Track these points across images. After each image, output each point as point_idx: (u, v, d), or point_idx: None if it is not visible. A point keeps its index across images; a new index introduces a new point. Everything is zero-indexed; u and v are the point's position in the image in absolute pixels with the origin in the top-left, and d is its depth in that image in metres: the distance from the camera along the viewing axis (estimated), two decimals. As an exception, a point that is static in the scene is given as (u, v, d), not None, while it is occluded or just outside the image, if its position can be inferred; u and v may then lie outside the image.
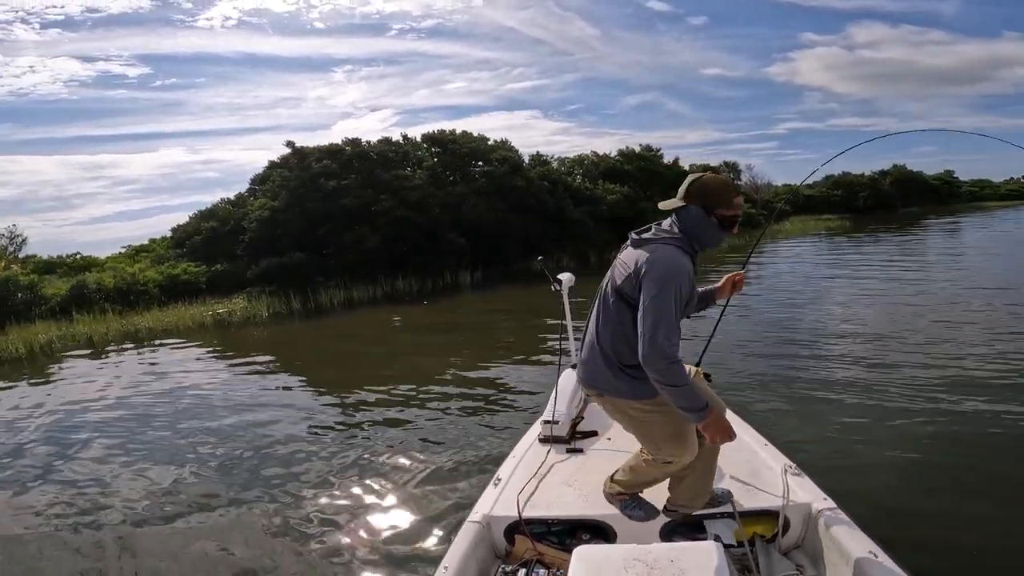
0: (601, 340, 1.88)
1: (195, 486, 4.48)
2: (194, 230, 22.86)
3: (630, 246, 1.88)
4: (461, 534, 2.24)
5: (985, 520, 3.09)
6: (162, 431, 6.03)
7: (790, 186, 45.67)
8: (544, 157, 27.89)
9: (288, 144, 18.44)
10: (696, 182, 1.87)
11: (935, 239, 23.76)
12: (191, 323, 14.73)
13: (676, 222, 1.88)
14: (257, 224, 16.99)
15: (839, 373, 5.94)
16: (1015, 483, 3.50)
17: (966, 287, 10.86)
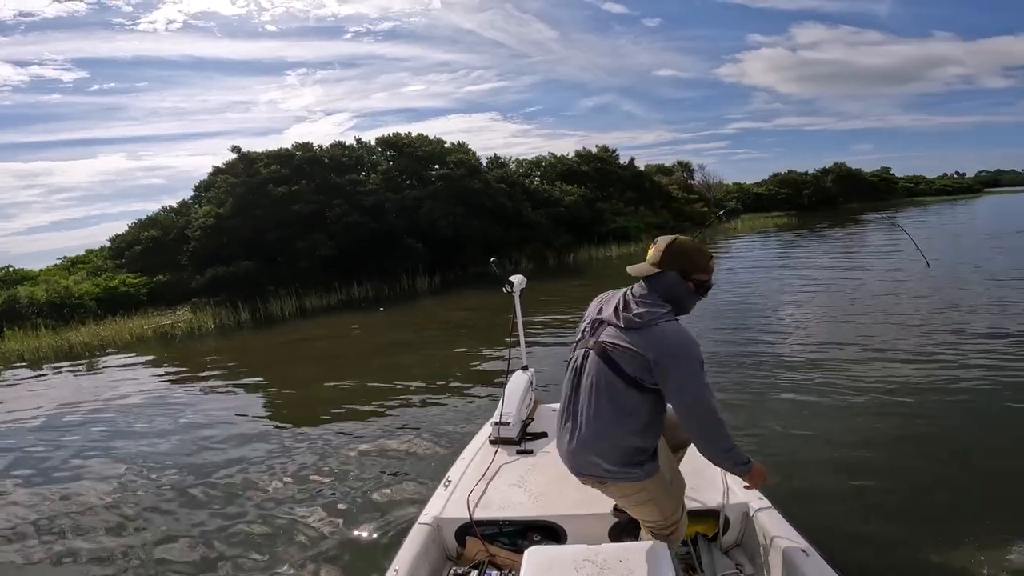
0: (602, 427, 1.74)
1: (137, 500, 4.35)
2: (134, 239, 21.73)
3: (622, 325, 1.72)
4: (411, 536, 2.23)
5: (914, 519, 3.16)
6: (97, 451, 5.69)
7: (740, 184, 47.36)
8: (502, 159, 27.88)
9: (234, 149, 17.71)
10: (673, 246, 1.79)
11: (874, 234, 25.03)
12: (130, 337, 14.01)
13: (654, 290, 1.78)
14: (201, 232, 16.23)
15: (780, 372, 6.07)
16: (947, 481, 3.60)
17: (902, 281, 11.46)
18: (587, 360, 1.79)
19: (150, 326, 15.04)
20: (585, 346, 1.82)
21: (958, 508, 3.28)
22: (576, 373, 1.83)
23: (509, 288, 3.33)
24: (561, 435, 1.88)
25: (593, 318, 1.85)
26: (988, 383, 5.20)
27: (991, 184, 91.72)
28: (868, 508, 3.29)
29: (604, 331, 1.77)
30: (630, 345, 1.68)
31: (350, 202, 16.98)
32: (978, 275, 11.43)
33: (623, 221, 25.72)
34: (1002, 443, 4.07)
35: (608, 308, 1.80)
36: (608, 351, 1.72)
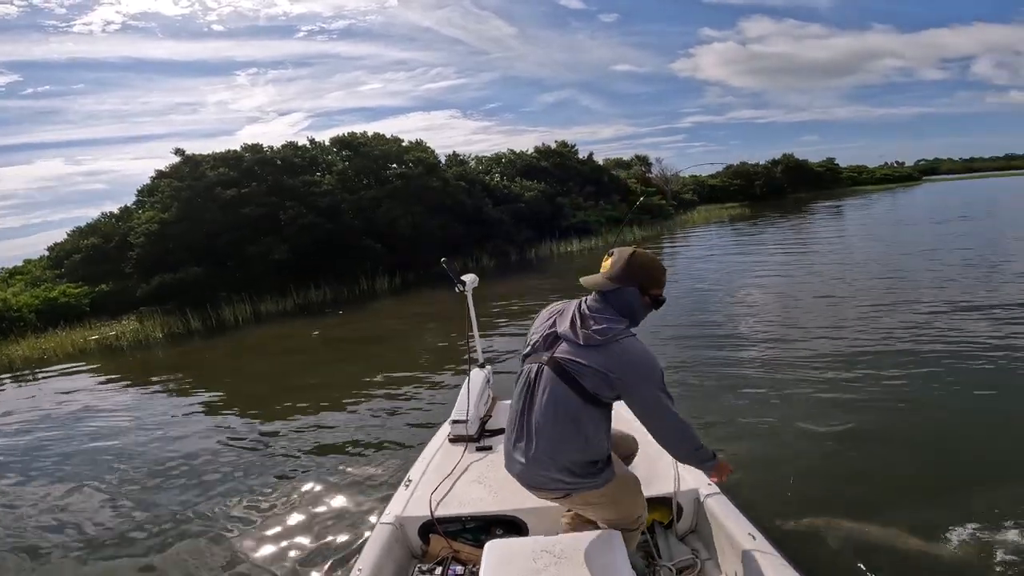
0: (559, 443, 1.73)
1: (87, 510, 4.32)
2: (73, 248, 20.64)
3: (581, 343, 1.68)
4: (374, 536, 2.25)
5: (858, 504, 3.24)
6: (43, 471, 5.47)
7: (696, 177, 48.56)
8: (461, 157, 27.71)
9: (177, 152, 16.94)
10: (634, 261, 1.77)
11: (823, 222, 26.14)
12: (72, 349, 13.44)
13: (609, 304, 1.76)
14: (145, 239, 15.51)
15: (734, 359, 6.25)
16: (894, 467, 3.67)
17: (850, 265, 12.04)
18: (541, 375, 1.76)
19: (93, 337, 14.44)
20: (538, 361, 1.78)
21: (904, 490, 3.38)
22: (528, 388, 1.79)
23: (461, 287, 3.32)
24: (512, 451, 1.85)
25: (546, 332, 1.80)
26: (940, 360, 5.46)
27: (929, 172, 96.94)
28: (821, 498, 3.36)
29: (560, 347, 1.73)
30: (589, 363, 1.66)
31: (304, 204, 16.54)
32: (923, 258, 12.11)
33: (583, 215, 25.98)
34: (948, 421, 4.24)
35: (563, 322, 1.75)
36: (566, 367, 1.69)
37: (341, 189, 18.26)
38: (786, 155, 55.61)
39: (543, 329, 1.83)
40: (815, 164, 60.24)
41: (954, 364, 5.36)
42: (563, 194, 26.86)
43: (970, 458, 3.74)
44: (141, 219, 16.56)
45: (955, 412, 4.40)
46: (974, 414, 4.36)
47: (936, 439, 4.05)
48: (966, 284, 8.92)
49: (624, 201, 29.91)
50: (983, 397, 4.56)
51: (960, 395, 4.67)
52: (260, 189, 16.31)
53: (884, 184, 69.04)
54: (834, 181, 61.43)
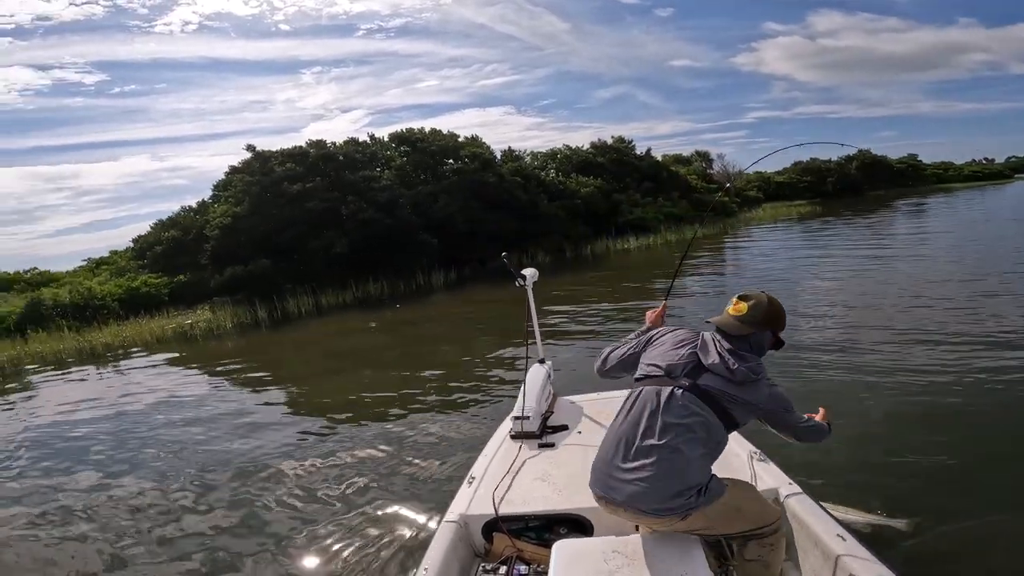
0: (687, 463, 1.74)
1: (168, 500, 4.45)
2: (155, 240, 22.01)
3: (736, 380, 1.81)
4: (439, 535, 2.23)
5: (951, 501, 3.10)
6: (130, 450, 5.81)
7: (761, 173, 46.34)
8: (516, 152, 27.60)
9: (248, 148, 17.74)
10: (771, 310, 1.90)
11: (905, 221, 24.20)
12: (150, 337, 14.23)
13: (746, 344, 1.88)
14: (219, 232, 16.32)
15: (809, 356, 5.94)
16: (986, 465, 3.47)
17: (935, 270, 10.97)
18: (673, 400, 1.79)
19: (170, 326, 15.23)
20: (673, 385, 1.82)
21: (1002, 493, 3.16)
22: (651, 411, 1.79)
23: (521, 281, 3.29)
24: (615, 473, 1.79)
25: (686, 361, 1.85)
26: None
27: (1021, 169, 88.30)
28: (901, 492, 3.21)
29: (705, 376, 1.81)
30: (742, 397, 1.79)
31: (364, 198, 16.90)
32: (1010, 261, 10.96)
33: (640, 212, 25.26)
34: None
35: (708, 356, 1.83)
36: (715, 396, 1.79)
37: (399, 184, 18.57)
38: (861, 151, 52.05)
39: (676, 357, 1.88)
40: (895, 160, 56.15)
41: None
42: (620, 191, 26.23)
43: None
44: (216, 213, 17.43)
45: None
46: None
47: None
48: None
49: (684, 198, 28.87)
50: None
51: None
52: (323, 184, 16.81)
53: (973, 182, 63.47)
54: (917, 178, 57.07)
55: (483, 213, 18.51)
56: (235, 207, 16.60)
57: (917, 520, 2.90)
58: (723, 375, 1.79)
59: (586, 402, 3.22)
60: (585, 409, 3.09)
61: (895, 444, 3.79)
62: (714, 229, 25.89)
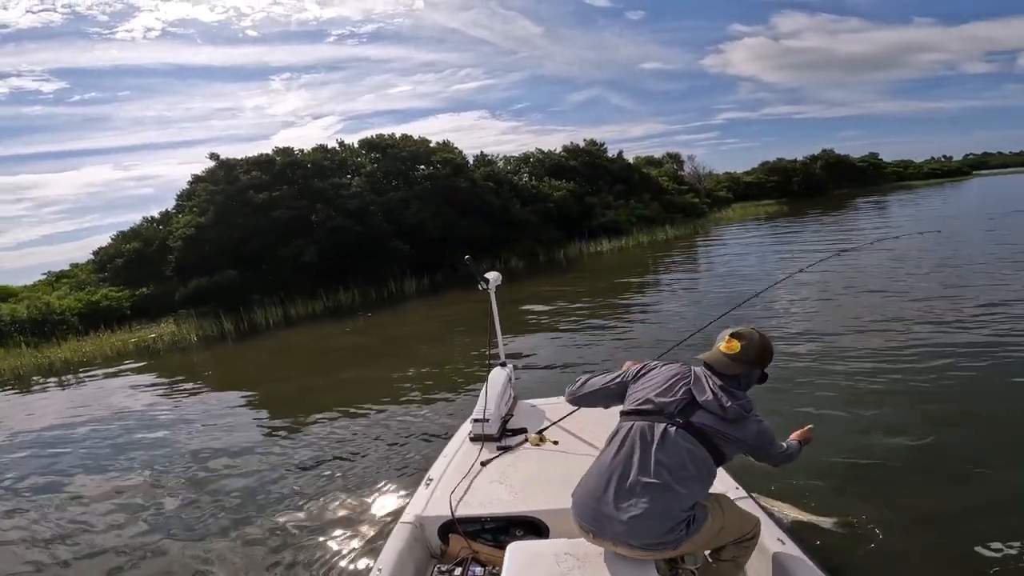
0: (677, 497, 1.76)
1: (130, 505, 4.48)
2: (116, 252, 21.33)
3: (729, 417, 1.83)
4: (394, 535, 2.24)
5: (881, 499, 3.17)
6: (85, 464, 5.73)
7: (731, 174, 47.27)
8: (489, 157, 27.56)
9: (212, 156, 17.29)
10: (756, 347, 1.91)
11: (867, 218, 24.92)
12: (111, 352, 13.82)
13: (736, 381, 1.90)
14: (182, 243, 15.86)
15: (789, 353, 6.04)
16: (921, 463, 3.56)
17: (899, 265, 11.29)
18: (667, 435, 1.81)
19: (132, 340, 14.83)
20: (667, 421, 1.83)
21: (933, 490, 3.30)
22: (641, 446, 1.81)
23: (484, 285, 3.31)
24: (603, 508, 1.78)
25: (680, 398, 1.87)
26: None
27: (979, 166, 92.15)
28: (834, 490, 3.31)
29: (698, 414, 1.83)
30: (733, 434, 1.83)
31: (333, 206, 16.64)
32: (976, 254, 11.39)
33: (613, 215, 25.47)
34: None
35: (701, 393, 1.85)
36: (707, 433, 1.81)
37: (369, 191, 18.34)
38: (825, 150, 53.63)
39: (669, 394, 1.89)
40: (857, 159, 57.90)
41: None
42: (592, 193, 26.41)
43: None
44: (179, 223, 16.95)
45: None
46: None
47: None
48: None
49: (656, 200, 29.23)
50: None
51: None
52: (291, 192, 16.49)
53: (932, 179, 65.89)
54: (878, 176, 58.95)
55: (455, 218, 18.41)
56: (199, 217, 16.16)
57: (847, 518, 3.00)
58: (716, 412, 1.82)
59: (547, 406, 3.21)
60: (545, 412, 3.09)
61: (838, 444, 3.86)
62: (686, 230, 26.27)
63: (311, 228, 16.43)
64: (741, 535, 1.92)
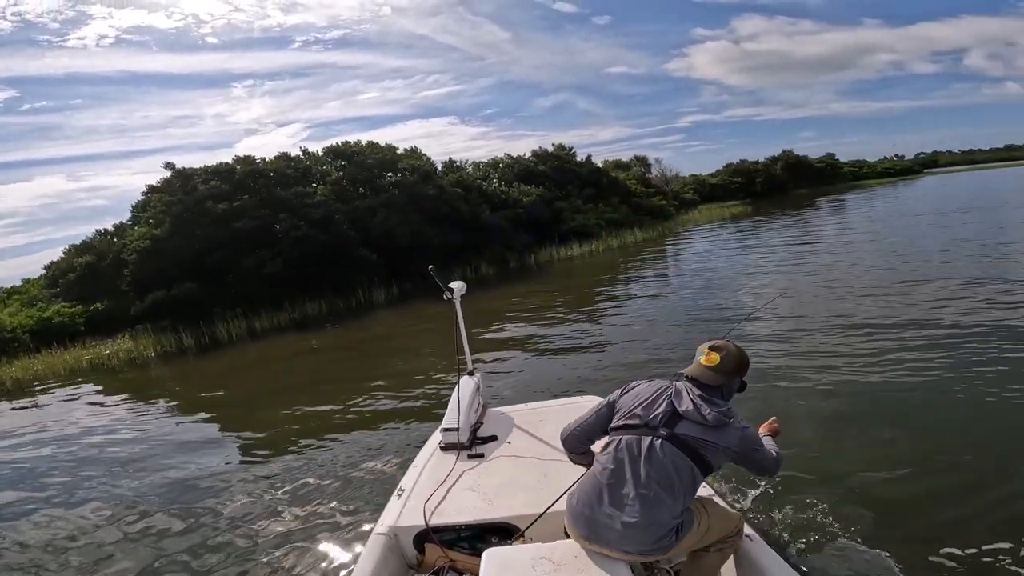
0: (668, 505, 1.85)
1: (86, 529, 4.36)
2: (68, 267, 20.41)
3: (711, 424, 1.90)
4: (369, 547, 2.23)
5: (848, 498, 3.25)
6: (38, 484, 5.62)
7: (696, 176, 48.21)
8: (457, 163, 27.47)
9: (167, 165, 16.67)
10: (734, 358, 2.00)
11: (826, 217, 25.75)
12: (63, 370, 13.30)
13: (718, 391, 1.98)
14: (137, 255, 15.25)
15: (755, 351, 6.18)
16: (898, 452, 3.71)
17: (857, 259, 11.71)
18: (653, 448, 1.88)
19: (86, 357, 14.24)
20: (653, 433, 1.90)
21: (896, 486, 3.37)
22: (631, 458, 1.89)
23: (449, 295, 3.33)
24: (599, 518, 1.87)
25: (664, 410, 1.93)
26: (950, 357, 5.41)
27: (929, 165, 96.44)
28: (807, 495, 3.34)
29: (682, 424, 1.90)
30: (716, 441, 1.88)
31: (297, 215, 16.27)
32: (924, 251, 11.94)
33: (583, 219, 25.65)
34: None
35: (683, 403, 1.92)
36: (690, 443, 1.87)
37: (335, 199, 17.99)
38: (785, 151, 55.30)
39: (653, 407, 1.95)
40: (815, 160, 59.87)
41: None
42: (562, 198, 26.55)
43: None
44: (133, 236, 16.31)
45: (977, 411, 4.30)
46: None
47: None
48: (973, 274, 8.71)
49: (624, 203, 29.58)
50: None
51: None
52: (252, 202, 16.04)
53: (886, 178, 68.62)
54: (835, 176, 61.05)
55: (424, 226, 18.22)
56: (155, 229, 15.56)
57: (820, 516, 3.09)
58: (698, 422, 1.89)
59: (515, 413, 3.26)
60: (515, 420, 3.13)
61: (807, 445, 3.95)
62: (654, 232, 26.64)
63: (275, 238, 16.02)
64: (726, 534, 2.00)
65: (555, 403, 3.45)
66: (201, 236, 15.35)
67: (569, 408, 3.06)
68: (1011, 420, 4.01)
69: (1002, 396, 4.35)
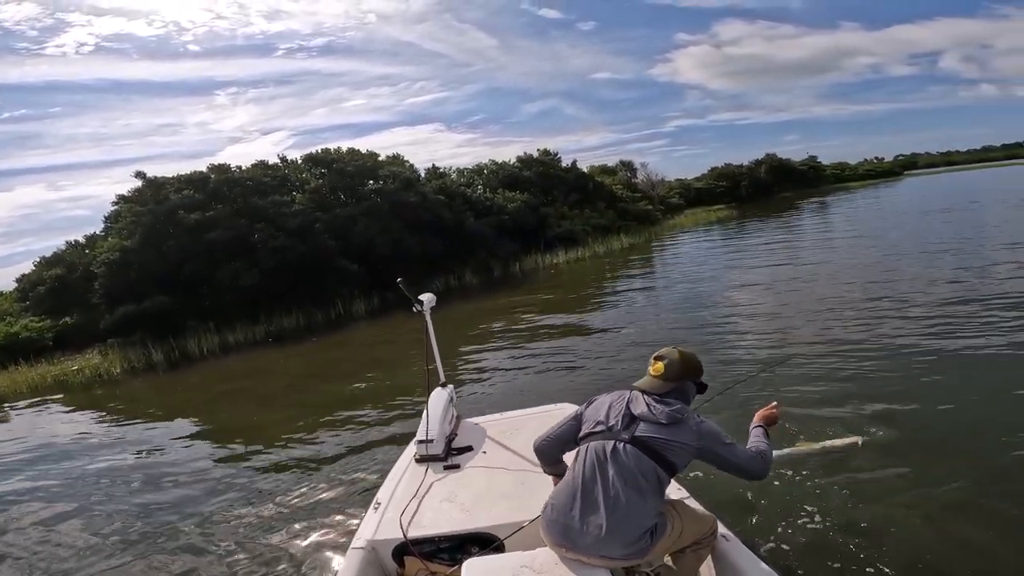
0: (636, 509, 1.88)
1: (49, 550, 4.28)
2: (38, 279, 19.73)
3: (664, 422, 1.93)
4: (347, 562, 2.22)
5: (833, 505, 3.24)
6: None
7: (682, 180, 48.38)
8: (441, 170, 27.11)
9: (139, 175, 16.14)
10: (686, 363, 2.03)
11: (809, 220, 25.80)
12: (26, 388, 12.93)
13: (673, 399, 1.99)
14: (106, 268, 14.71)
15: (728, 358, 6.26)
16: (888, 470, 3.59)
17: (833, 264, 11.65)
18: (617, 453, 1.92)
19: (52, 373, 13.79)
20: (614, 439, 1.95)
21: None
22: (597, 464, 1.93)
23: (419, 307, 3.30)
24: (572, 524, 1.90)
25: (621, 415, 1.99)
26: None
27: (909, 167, 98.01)
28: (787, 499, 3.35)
29: (639, 427, 1.94)
30: (674, 438, 1.91)
31: (275, 225, 15.82)
32: (907, 248, 12.14)
33: (569, 224, 25.42)
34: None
35: (638, 406, 1.98)
36: (650, 444, 1.91)
37: (314, 208, 17.57)
38: (768, 155, 55.72)
39: (613, 414, 2.01)
40: (798, 162, 60.43)
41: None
42: (547, 204, 26.30)
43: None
44: (102, 248, 15.75)
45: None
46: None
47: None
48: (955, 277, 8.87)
49: (610, 208, 29.42)
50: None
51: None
52: (227, 211, 15.57)
53: (867, 180, 69.49)
54: (818, 179, 61.65)
55: (406, 234, 17.86)
56: (124, 240, 15.03)
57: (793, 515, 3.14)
58: (653, 421, 1.93)
59: (490, 423, 3.27)
60: (489, 431, 3.13)
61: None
62: (640, 238, 26.48)
63: (251, 249, 15.56)
64: (700, 536, 2.03)
65: (530, 412, 3.43)
66: (173, 247, 14.86)
67: (544, 416, 3.13)
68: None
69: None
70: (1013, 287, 7.66)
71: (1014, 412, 4.07)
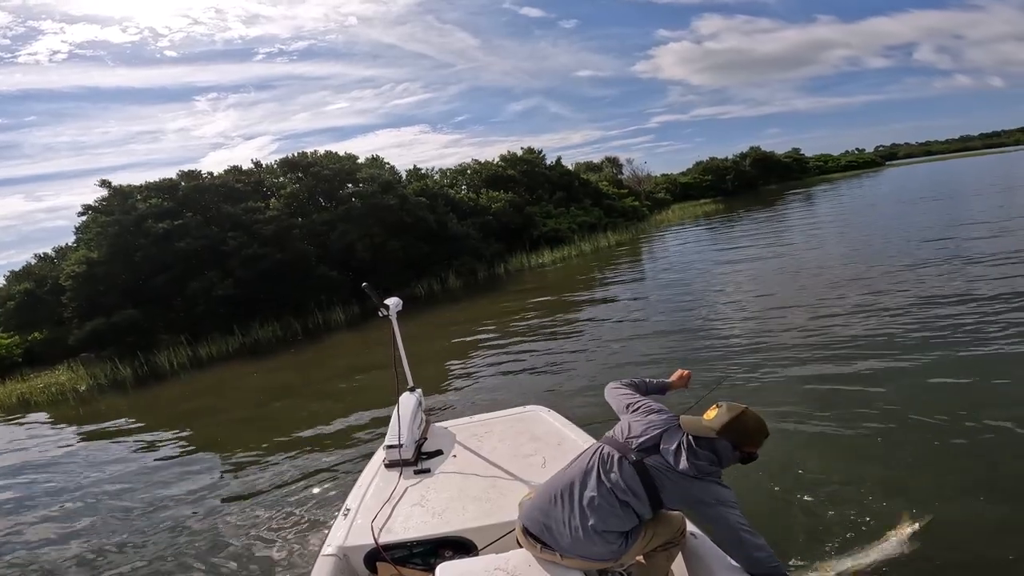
0: (608, 522, 1.88)
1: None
2: (7, 294, 19.07)
3: (678, 469, 1.87)
4: (317, 569, 2.18)
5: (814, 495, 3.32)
6: None
7: (668, 175, 48.29)
8: (422, 171, 26.65)
9: (104, 183, 15.51)
10: (737, 425, 1.88)
11: (796, 212, 25.71)
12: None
13: (706, 448, 1.90)
14: (73, 281, 14.12)
15: (717, 351, 6.35)
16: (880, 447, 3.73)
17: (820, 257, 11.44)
18: (619, 464, 1.92)
19: (18, 391, 13.33)
20: (624, 452, 1.94)
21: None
22: (597, 466, 1.94)
23: (385, 311, 3.25)
24: (551, 514, 1.92)
25: (649, 438, 1.94)
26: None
27: (889, 157, 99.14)
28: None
29: (654, 458, 1.91)
30: (678, 485, 1.87)
31: (248, 232, 15.31)
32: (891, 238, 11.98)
33: (555, 223, 25.08)
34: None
35: (669, 442, 1.92)
36: (652, 475, 1.89)
37: (290, 214, 17.06)
38: (752, 148, 55.86)
39: (642, 434, 1.96)
40: (782, 155, 60.69)
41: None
42: (533, 203, 25.94)
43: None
44: (69, 260, 15.16)
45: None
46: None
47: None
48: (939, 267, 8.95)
49: (596, 205, 29.12)
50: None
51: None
52: (197, 220, 15.02)
53: (850, 171, 70.03)
54: (802, 171, 61.96)
55: (387, 239, 17.40)
56: (91, 252, 14.45)
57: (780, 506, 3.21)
58: (670, 464, 1.88)
59: (460, 426, 3.25)
60: (458, 435, 3.11)
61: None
62: (628, 234, 26.21)
63: (224, 258, 15.03)
64: (671, 536, 2.05)
65: (500, 415, 3.38)
66: (142, 258, 14.29)
67: (514, 419, 3.13)
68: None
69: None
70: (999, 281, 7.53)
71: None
